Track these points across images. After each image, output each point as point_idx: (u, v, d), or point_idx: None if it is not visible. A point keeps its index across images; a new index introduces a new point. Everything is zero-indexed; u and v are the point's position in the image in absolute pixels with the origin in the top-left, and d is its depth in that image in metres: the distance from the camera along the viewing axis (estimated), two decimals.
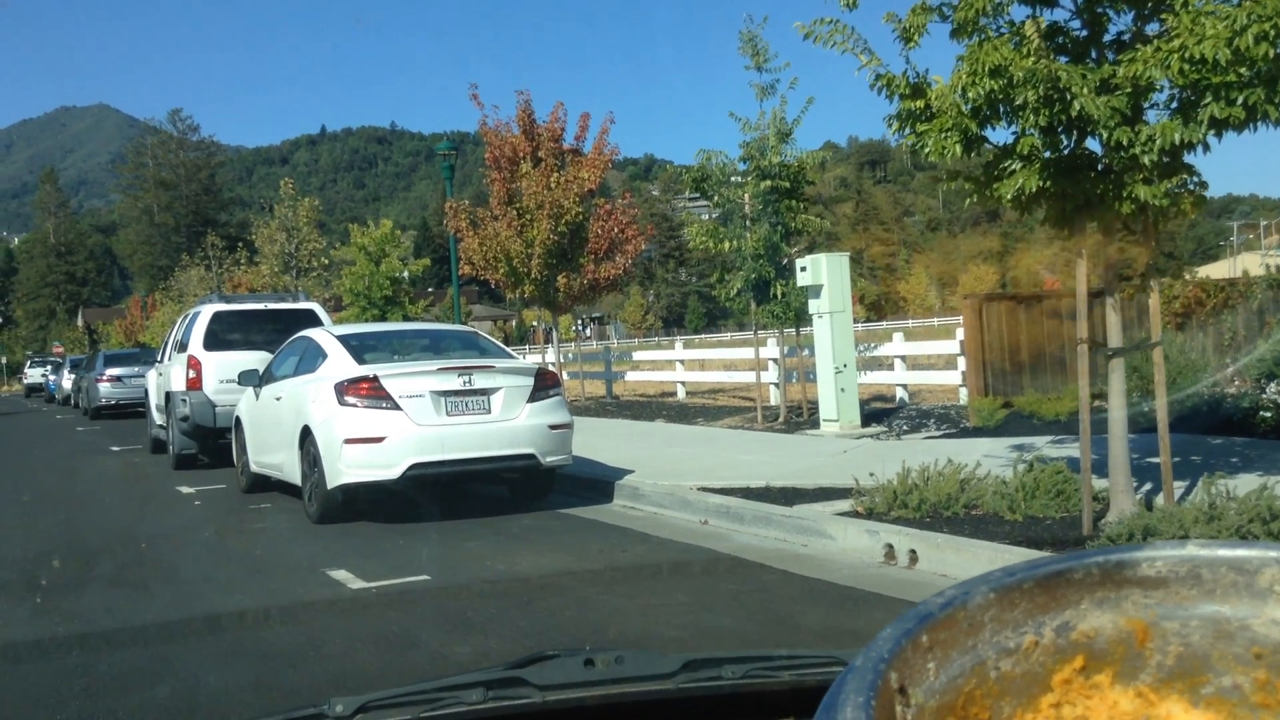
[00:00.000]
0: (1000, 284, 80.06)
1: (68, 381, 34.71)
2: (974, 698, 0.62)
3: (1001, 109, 6.14)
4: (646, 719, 1.43)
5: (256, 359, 12.66)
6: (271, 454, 9.81)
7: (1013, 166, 6.17)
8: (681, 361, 18.99)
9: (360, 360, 8.84)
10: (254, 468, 10.40)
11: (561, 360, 19.54)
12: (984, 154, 6.48)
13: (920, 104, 6.32)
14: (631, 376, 20.84)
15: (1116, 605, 0.65)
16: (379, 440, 8.21)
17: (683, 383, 18.77)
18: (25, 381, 53.86)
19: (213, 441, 12.85)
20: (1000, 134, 6.43)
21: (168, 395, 13.62)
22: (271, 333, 13.20)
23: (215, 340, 13.06)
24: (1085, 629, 0.65)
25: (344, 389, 8.39)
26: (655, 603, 5.63)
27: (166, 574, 6.92)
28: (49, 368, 46.20)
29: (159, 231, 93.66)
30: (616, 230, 18.13)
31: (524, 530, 7.99)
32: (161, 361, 15.01)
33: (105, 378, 25.36)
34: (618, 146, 18.21)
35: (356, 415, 8.29)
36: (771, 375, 15.27)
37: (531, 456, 8.55)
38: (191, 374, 12.89)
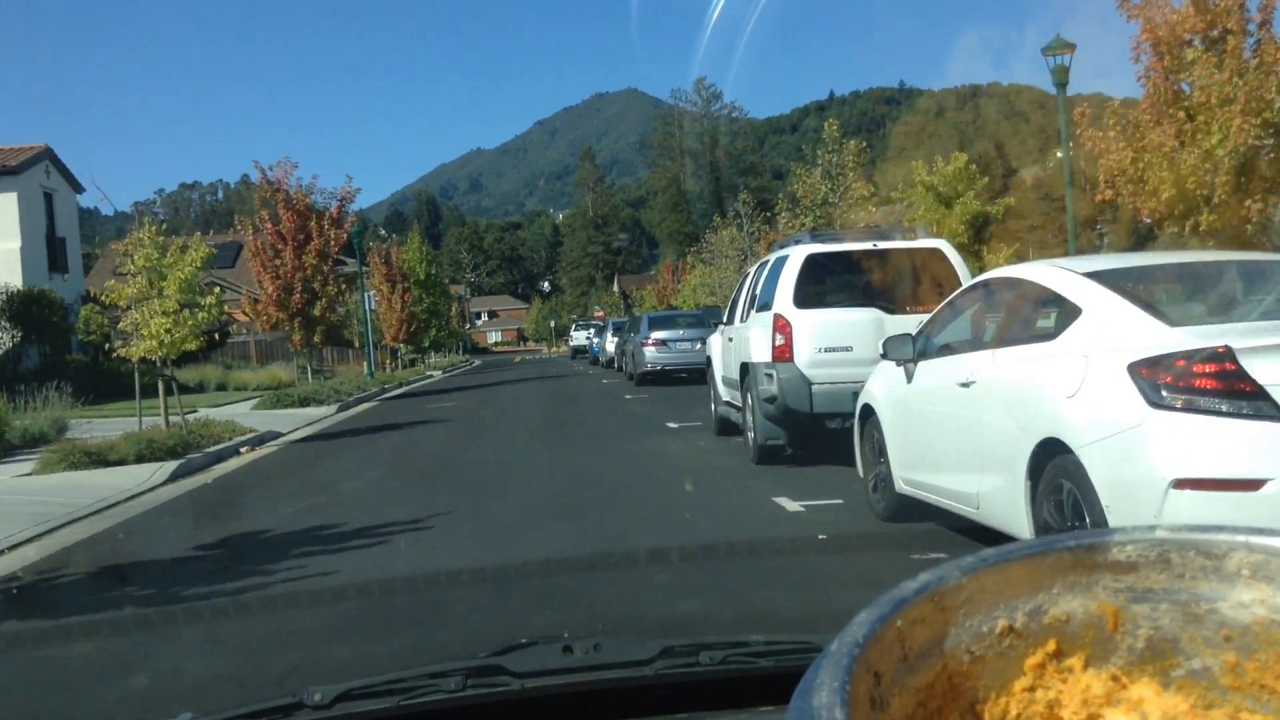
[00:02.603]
0: None
1: (611, 344, 34.64)
2: (948, 681, 0.62)
3: None
4: (625, 706, 1.41)
5: (869, 319, 9.17)
6: (948, 473, 5.96)
7: None
8: None
9: (1165, 319, 4.61)
10: (902, 486, 6.67)
11: None
12: None
13: None
14: None
15: (1088, 589, 0.64)
16: (1253, 486, 3.94)
17: None
18: (571, 344, 57.34)
19: (804, 428, 9.49)
20: None
21: (744, 366, 10.40)
22: (885, 282, 9.54)
23: (807, 295, 9.55)
24: (1057, 613, 0.64)
25: (1158, 373, 4.21)
26: None
27: None
28: (591, 331, 48.14)
29: (685, 199, 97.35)
30: None
31: None
32: (730, 323, 11.92)
33: (650, 342, 23.78)
34: None
35: (1191, 429, 4.08)
36: None
37: None
38: (779, 340, 9.50)
